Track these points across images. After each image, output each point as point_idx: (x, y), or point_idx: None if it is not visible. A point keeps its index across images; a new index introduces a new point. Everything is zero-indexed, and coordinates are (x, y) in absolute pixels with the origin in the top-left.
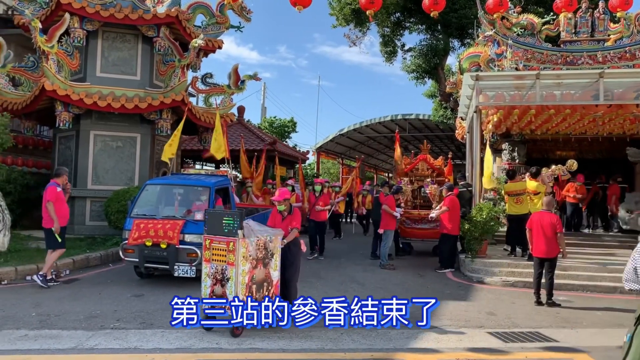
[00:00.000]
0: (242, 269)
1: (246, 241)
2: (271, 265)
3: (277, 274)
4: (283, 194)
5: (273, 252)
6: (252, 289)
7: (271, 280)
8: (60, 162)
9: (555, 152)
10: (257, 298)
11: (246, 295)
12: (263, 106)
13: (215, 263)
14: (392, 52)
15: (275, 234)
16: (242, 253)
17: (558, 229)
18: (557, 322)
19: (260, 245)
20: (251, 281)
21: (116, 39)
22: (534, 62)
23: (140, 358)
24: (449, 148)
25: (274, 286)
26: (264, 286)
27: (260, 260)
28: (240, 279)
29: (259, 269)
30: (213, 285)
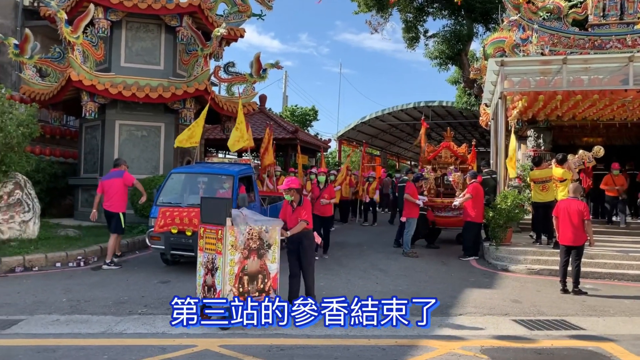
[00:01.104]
0: (231, 258)
1: (235, 230)
2: (268, 257)
3: (276, 267)
4: (289, 183)
5: (270, 243)
6: (244, 280)
7: (267, 272)
8: (87, 152)
9: (582, 138)
10: (250, 290)
11: (235, 286)
12: (284, 95)
13: (207, 252)
14: (415, 38)
15: (272, 224)
16: (231, 242)
17: (585, 217)
18: (583, 310)
19: (253, 235)
20: (242, 272)
21: (140, 29)
22: (560, 47)
23: (168, 343)
24: (472, 135)
25: (272, 279)
26: (258, 278)
27: (254, 250)
28: (228, 269)
29: (252, 259)
30: (205, 275)
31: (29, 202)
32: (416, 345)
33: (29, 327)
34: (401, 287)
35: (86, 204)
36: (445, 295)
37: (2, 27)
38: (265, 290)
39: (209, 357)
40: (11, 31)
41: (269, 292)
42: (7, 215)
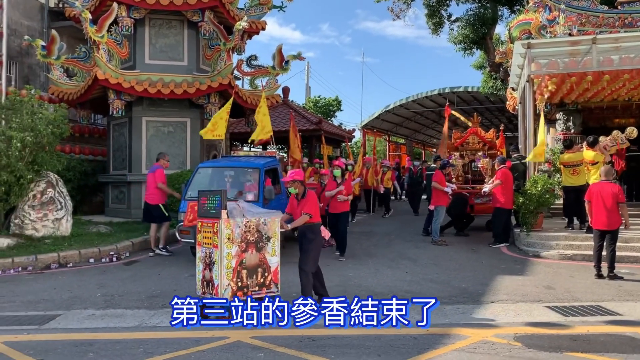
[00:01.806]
0: (227, 251)
1: (231, 222)
2: (267, 250)
3: (277, 260)
4: (292, 175)
5: (269, 235)
6: (242, 274)
7: (267, 266)
8: (115, 149)
9: (613, 120)
10: (249, 285)
11: (233, 280)
12: (307, 86)
13: (205, 247)
14: (439, 23)
15: (271, 216)
16: (227, 235)
17: (620, 199)
18: (620, 295)
19: (251, 227)
20: (240, 266)
21: (162, 25)
22: (588, 27)
23: (200, 335)
24: (499, 120)
25: (272, 272)
26: (257, 272)
27: (252, 243)
28: (225, 263)
29: (251, 253)
30: (204, 270)
31: (61, 200)
32: (448, 334)
33: (66, 321)
34: (431, 276)
35: (116, 201)
36: (476, 283)
37: (29, 29)
38: (266, 284)
39: (242, 349)
40: (38, 33)
41: (270, 286)
42: (41, 213)
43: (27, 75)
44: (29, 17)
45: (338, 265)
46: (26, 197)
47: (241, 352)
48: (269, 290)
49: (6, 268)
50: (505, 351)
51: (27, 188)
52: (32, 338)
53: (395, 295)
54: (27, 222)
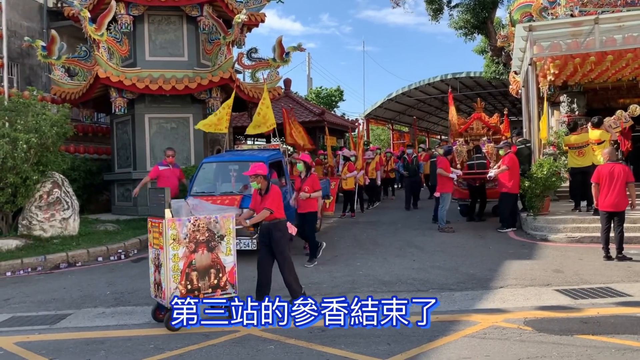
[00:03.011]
0: (173, 253)
1: (176, 221)
2: (221, 249)
3: (232, 259)
4: (254, 168)
5: (223, 234)
6: (192, 276)
7: (222, 266)
8: (119, 147)
9: (617, 100)
10: (201, 287)
11: (182, 283)
12: (309, 77)
13: (154, 248)
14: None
15: (223, 214)
16: (172, 235)
17: (630, 179)
18: (629, 277)
19: (200, 226)
20: (189, 267)
21: (161, 21)
22: (590, 7)
23: (210, 329)
24: (503, 105)
25: (227, 273)
26: (210, 273)
27: (203, 243)
28: (171, 265)
29: (201, 253)
30: (154, 272)
31: (68, 199)
32: (458, 320)
33: (77, 320)
34: (438, 263)
35: (122, 199)
36: (484, 269)
37: (29, 31)
38: (221, 285)
39: (252, 341)
40: (38, 33)
41: (226, 288)
42: (48, 213)
43: (29, 76)
44: (28, 18)
45: (346, 255)
46: (33, 198)
47: (252, 345)
48: (225, 291)
49: (16, 269)
50: (515, 336)
51: (34, 189)
52: (44, 338)
53: (403, 284)
54: (35, 223)
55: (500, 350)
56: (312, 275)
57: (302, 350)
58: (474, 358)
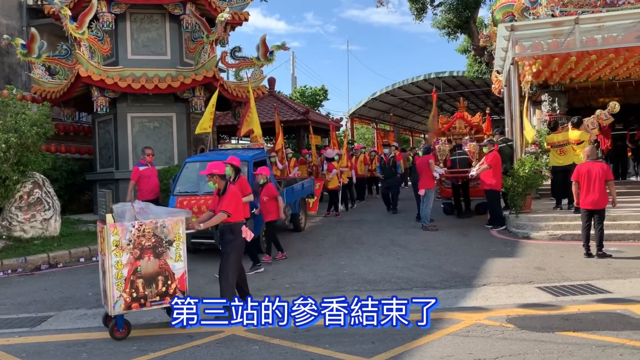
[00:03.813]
0: (116, 260)
1: (118, 226)
2: (169, 255)
3: (182, 266)
4: (211, 167)
5: (171, 239)
6: (138, 283)
7: (170, 273)
8: (101, 147)
9: (598, 99)
10: (148, 295)
11: (126, 291)
12: (293, 76)
13: (101, 254)
14: (422, 8)
15: (172, 218)
16: (114, 241)
17: (609, 177)
18: (609, 273)
19: (145, 231)
20: (134, 274)
21: (144, 20)
22: (571, 7)
23: (195, 330)
24: (485, 104)
25: (177, 280)
26: (158, 281)
27: (149, 249)
28: (115, 272)
29: (147, 260)
30: (102, 278)
31: (49, 200)
32: (441, 318)
33: (58, 322)
34: (422, 262)
35: None
36: (467, 267)
37: (8, 28)
38: (170, 293)
39: (236, 342)
40: (17, 31)
41: (175, 295)
42: (29, 214)
43: (8, 75)
44: (8, 16)
45: (331, 254)
46: (13, 198)
47: (236, 346)
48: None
49: None
50: (498, 333)
51: (13, 189)
52: (24, 341)
53: (387, 282)
54: (15, 224)
55: (483, 348)
56: (296, 275)
57: (287, 350)
58: (457, 356)
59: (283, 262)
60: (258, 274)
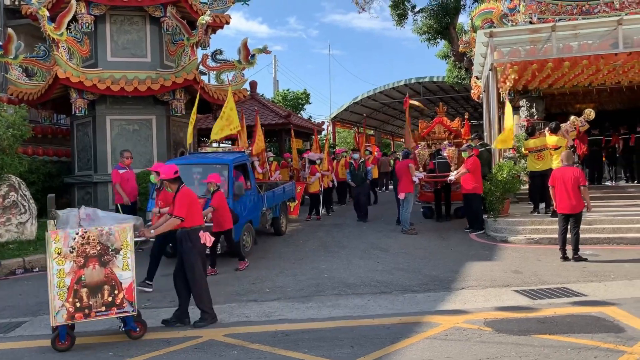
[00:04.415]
0: (59, 268)
1: (60, 233)
2: (116, 264)
3: (130, 275)
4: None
5: (118, 247)
6: (82, 293)
7: (117, 282)
8: (80, 149)
9: (574, 105)
10: (93, 305)
11: (69, 301)
12: (275, 79)
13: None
14: (403, 14)
15: (119, 225)
16: (56, 249)
17: (582, 182)
18: (584, 277)
19: (90, 238)
20: (78, 284)
21: (124, 22)
22: (548, 15)
23: (172, 335)
24: (465, 109)
25: (125, 290)
26: (103, 290)
27: (94, 257)
28: (56, 281)
29: (92, 268)
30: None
31: (25, 203)
32: (420, 322)
33: (33, 328)
34: (402, 265)
35: (83, 202)
36: (446, 270)
37: None
38: (117, 303)
39: (215, 347)
40: None
41: (123, 306)
42: (4, 218)
43: None
44: None
45: (311, 258)
46: None
47: (214, 351)
48: (121, 309)
49: None
50: (476, 337)
51: None
52: None
53: (367, 286)
54: None
55: (461, 351)
56: (276, 279)
57: (265, 356)
58: (435, 359)
59: (264, 266)
60: (238, 278)
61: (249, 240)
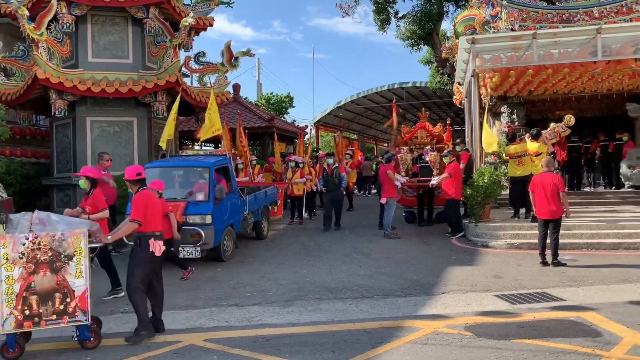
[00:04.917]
0: (7, 274)
1: (8, 238)
2: (68, 271)
3: (83, 282)
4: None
5: (70, 254)
6: (31, 300)
7: (70, 290)
8: (59, 151)
9: (554, 112)
10: (43, 312)
11: (17, 308)
12: (258, 83)
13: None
14: (386, 19)
15: (72, 230)
16: (4, 254)
17: (560, 189)
18: (563, 282)
19: (41, 244)
20: (27, 291)
21: (105, 22)
22: (529, 22)
23: (151, 340)
24: (447, 114)
25: (77, 298)
26: (54, 298)
27: (45, 263)
28: (4, 288)
29: (43, 275)
30: None
31: None
32: (401, 327)
33: None
34: (384, 269)
35: (62, 204)
36: (427, 275)
37: None
38: (69, 312)
39: (195, 352)
40: None
41: (75, 314)
42: None
43: None
44: None
45: (293, 262)
46: None
47: (194, 356)
48: (73, 318)
49: None
50: (456, 341)
51: None
52: None
53: (349, 290)
54: None
55: (441, 356)
56: (258, 283)
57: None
58: None
59: (245, 270)
60: (219, 282)
61: (229, 245)
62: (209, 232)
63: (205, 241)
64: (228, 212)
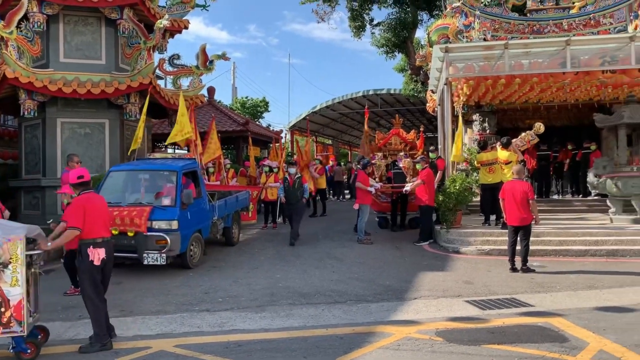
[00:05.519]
0: None
1: None
2: (3, 279)
3: (19, 291)
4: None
5: (6, 261)
6: None
7: (5, 299)
8: (28, 152)
9: (524, 120)
10: None
11: None
12: (234, 86)
13: None
14: (361, 27)
15: (9, 236)
16: None
17: (530, 196)
18: (532, 288)
19: None
20: None
21: (78, 22)
22: (501, 32)
23: (120, 346)
24: (420, 121)
25: (13, 308)
26: None
27: None
28: None
29: None
30: None
31: None
32: (373, 332)
33: None
34: (357, 275)
35: (29, 207)
36: (400, 280)
37: None
38: (3, 322)
39: (165, 358)
40: None
41: (10, 325)
42: None
43: None
44: None
45: (266, 267)
46: None
47: None
48: (7, 329)
49: None
50: (427, 347)
51: None
52: None
53: (322, 295)
54: None
55: None
56: (230, 288)
57: None
58: None
59: (217, 275)
60: (191, 287)
61: (197, 251)
62: (175, 238)
63: (170, 247)
64: (196, 218)
